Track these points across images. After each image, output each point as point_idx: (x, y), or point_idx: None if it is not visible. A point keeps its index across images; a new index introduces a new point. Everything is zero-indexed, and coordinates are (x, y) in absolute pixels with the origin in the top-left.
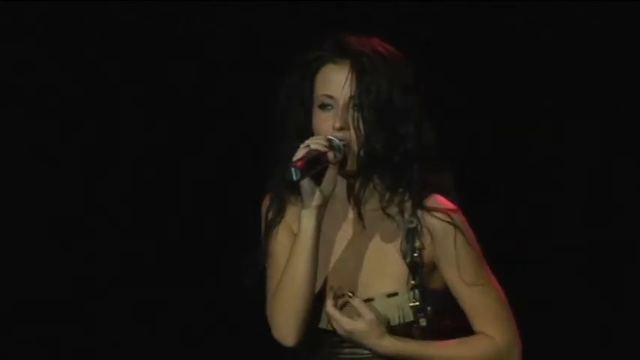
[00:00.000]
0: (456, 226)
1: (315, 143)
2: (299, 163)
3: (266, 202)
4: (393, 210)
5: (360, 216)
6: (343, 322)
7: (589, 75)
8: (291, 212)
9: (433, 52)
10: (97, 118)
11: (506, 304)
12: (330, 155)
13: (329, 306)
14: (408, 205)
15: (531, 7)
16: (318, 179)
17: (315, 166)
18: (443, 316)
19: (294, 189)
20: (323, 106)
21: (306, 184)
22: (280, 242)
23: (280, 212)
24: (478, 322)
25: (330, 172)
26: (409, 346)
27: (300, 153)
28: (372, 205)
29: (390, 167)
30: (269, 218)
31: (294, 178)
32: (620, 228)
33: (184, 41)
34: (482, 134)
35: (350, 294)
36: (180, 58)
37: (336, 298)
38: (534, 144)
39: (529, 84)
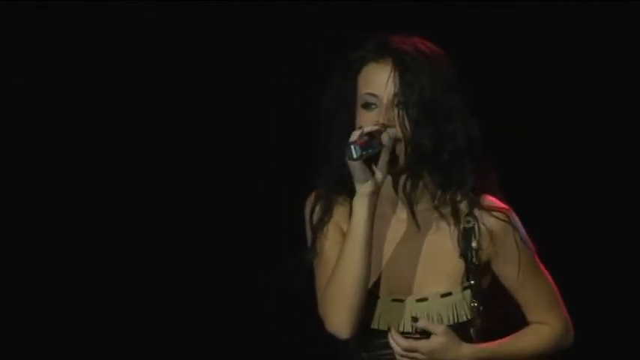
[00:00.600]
0: (513, 226)
1: (368, 127)
2: (358, 141)
3: (310, 201)
4: (446, 209)
5: (412, 215)
6: (421, 346)
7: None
8: (339, 212)
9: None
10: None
11: (557, 291)
12: (385, 136)
13: (396, 342)
14: (462, 204)
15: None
16: (370, 167)
17: (372, 146)
18: (490, 316)
19: (342, 188)
20: (367, 105)
21: (359, 169)
22: (330, 240)
23: (328, 211)
24: (536, 313)
25: (383, 158)
26: (486, 349)
27: (356, 135)
28: (422, 204)
29: (440, 165)
30: (316, 217)
31: (355, 155)
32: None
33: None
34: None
35: (414, 321)
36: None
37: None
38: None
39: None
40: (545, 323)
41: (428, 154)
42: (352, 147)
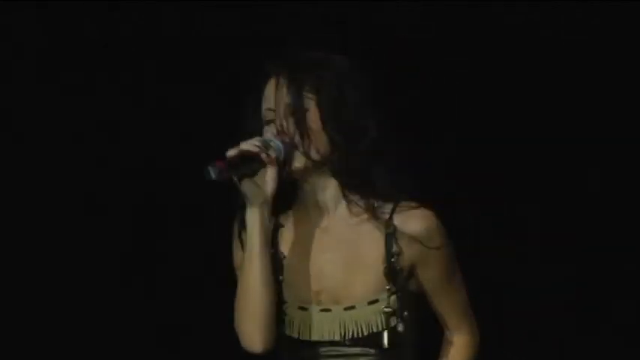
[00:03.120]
0: (434, 228)
1: (246, 144)
2: (219, 164)
3: (237, 218)
4: (367, 215)
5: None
6: None
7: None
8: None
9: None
10: None
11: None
12: (264, 156)
13: None
14: (383, 208)
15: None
16: (260, 180)
17: (246, 166)
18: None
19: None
20: (267, 122)
21: (245, 183)
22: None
23: (237, 231)
24: (453, 321)
25: (270, 172)
26: None
27: (231, 152)
28: (343, 210)
29: (349, 166)
30: (240, 236)
31: (211, 176)
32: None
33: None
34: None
35: None
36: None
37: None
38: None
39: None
40: (460, 330)
41: (336, 155)
42: (209, 169)
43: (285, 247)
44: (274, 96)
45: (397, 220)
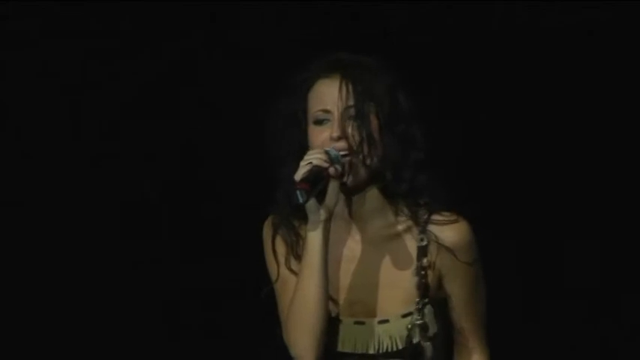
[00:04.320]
0: (469, 241)
1: (315, 158)
2: (304, 185)
3: (268, 225)
4: (402, 226)
5: (367, 235)
6: None
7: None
8: (295, 237)
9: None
10: None
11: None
12: (332, 170)
13: None
14: (419, 219)
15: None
16: (321, 195)
17: (318, 183)
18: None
19: (299, 213)
20: (318, 122)
21: (311, 202)
22: (288, 266)
23: (285, 236)
24: (472, 335)
25: (333, 186)
26: None
27: (302, 171)
28: (377, 222)
29: (403, 175)
30: (275, 244)
31: (301, 200)
32: None
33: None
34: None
35: None
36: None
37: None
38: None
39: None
40: (475, 350)
41: (389, 164)
42: (298, 193)
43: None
44: (330, 97)
45: (433, 230)
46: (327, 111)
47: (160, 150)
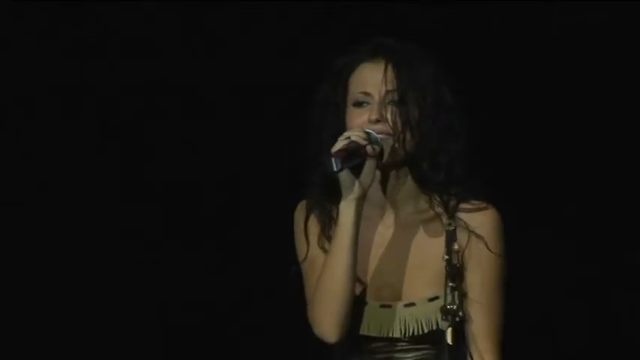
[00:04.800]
0: (498, 230)
1: (354, 135)
2: (340, 154)
3: (301, 209)
4: (433, 213)
5: (399, 220)
6: None
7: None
8: (328, 219)
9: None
10: None
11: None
12: (369, 149)
13: None
14: (449, 206)
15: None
16: (356, 172)
17: (355, 158)
18: None
19: (333, 196)
20: (358, 104)
21: (345, 176)
22: (319, 246)
23: (318, 218)
24: (487, 338)
25: (369, 164)
26: None
27: (340, 144)
28: (409, 207)
29: (441, 164)
30: (307, 225)
31: (335, 168)
32: None
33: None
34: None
35: None
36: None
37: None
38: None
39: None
40: (488, 354)
41: (428, 152)
42: (333, 160)
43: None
44: (372, 81)
45: (463, 217)
46: (367, 94)
47: (160, 150)
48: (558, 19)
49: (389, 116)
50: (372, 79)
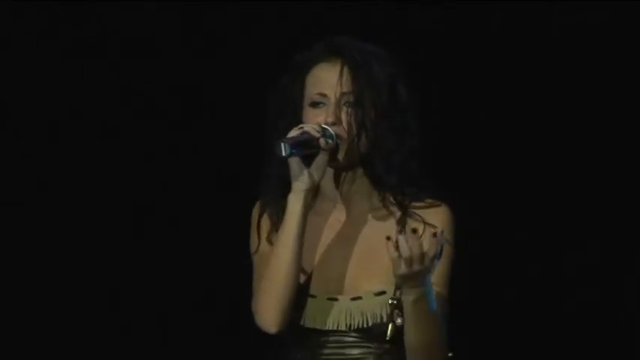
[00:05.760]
0: (450, 223)
1: (308, 126)
2: (289, 140)
3: (257, 206)
4: (386, 211)
5: (351, 216)
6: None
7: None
8: (281, 214)
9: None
10: None
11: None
12: (322, 141)
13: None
14: (403, 204)
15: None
16: (307, 164)
17: (306, 147)
18: None
19: (285, 190)
20: (314, 104)
21: (295, 164)
22: (269, 239)
23: (273, 214)
24: None
25: (321, 158)
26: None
27: (292, 133)
28: (363, 204)
29: (393, 165)
30: (260, 221)
31: (283, 153)
32: None
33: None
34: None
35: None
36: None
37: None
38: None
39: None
40: None
41: (383, 153)
42: (282, 144)
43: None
44: (328, 82)
45: (418, 213)
46: (323, 95)
47: (160, 150)
48: (558, 19)
49: (344, 117)
50: (328, 80)
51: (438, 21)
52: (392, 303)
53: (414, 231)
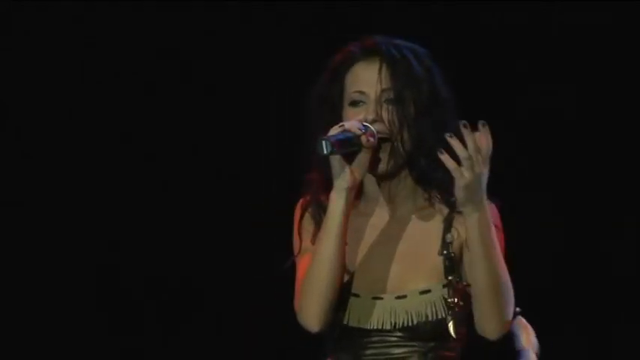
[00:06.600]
0: (494, 215)
1: (349, 124)
2: (331, 138)
3: (299, 206)
4: (432, 210)
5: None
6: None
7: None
8: (323, 213)
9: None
10: None
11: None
12: (364, 139)
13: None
14: (450, 202)
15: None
16: (349, 162)
17: (347, 145)
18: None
19: (328, 189)
20: (354, 103)
21: (336, 162)
22: (311, 238)
23: (316, 214)
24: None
25: (363, 156)
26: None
27: (333, 131)
28: (406, 204)
29: (437, 161)
30: (302, 222)
31: (325, 151)
32: None
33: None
34: None
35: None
36: None
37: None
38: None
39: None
40: None
41: (426, 150)
42: (323, 142)
43: (348, 234)
44: (367, 80)
45: (457, 210)
46: (362, 92)
47: (160, 150)
48: (558, 19)
49: (385, 115)
50: (367, 78)
51: (439, 21)
52: (438, 303)
53: (465, 126)
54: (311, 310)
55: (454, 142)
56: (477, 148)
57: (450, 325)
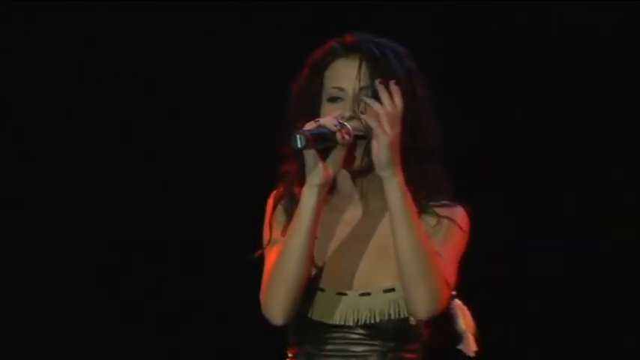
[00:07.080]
0: (462, 215)
1: (325, 120)
2: (305, 132)
3: (273, 197)
4: None
5: (367, 213)
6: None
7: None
8: (295, 206)
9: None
10: None
11: None
12: (339, 136)
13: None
14: (420, 203)
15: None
16: (323, 158)
17: (322, 141)
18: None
19: (302, 183)
20: (332, 99)
21: (310, 158)
22: (281, 230)
23: (288, 207)
24: None
25: (337, 152)
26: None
27: (309, 126)
28: (378, 202)
29: (409, 162)
30: (273, 213)
31: (299, 145)
32: None
33: None
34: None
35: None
36: None
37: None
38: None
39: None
40: None
41: (404, 150)
42: (297, 136)
43: (319, 229)
44: (346, 76)
45: (428, 212)
46: (341, 89)
47: (160, 150)
48: (558, 19)
49: (363, 111)
50: (346, 75)
51: (439, 21)
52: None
53: (380, 83)
54: (276, 302)
55: (371, 101)
56: (394, 106)
57: (395, 325)
